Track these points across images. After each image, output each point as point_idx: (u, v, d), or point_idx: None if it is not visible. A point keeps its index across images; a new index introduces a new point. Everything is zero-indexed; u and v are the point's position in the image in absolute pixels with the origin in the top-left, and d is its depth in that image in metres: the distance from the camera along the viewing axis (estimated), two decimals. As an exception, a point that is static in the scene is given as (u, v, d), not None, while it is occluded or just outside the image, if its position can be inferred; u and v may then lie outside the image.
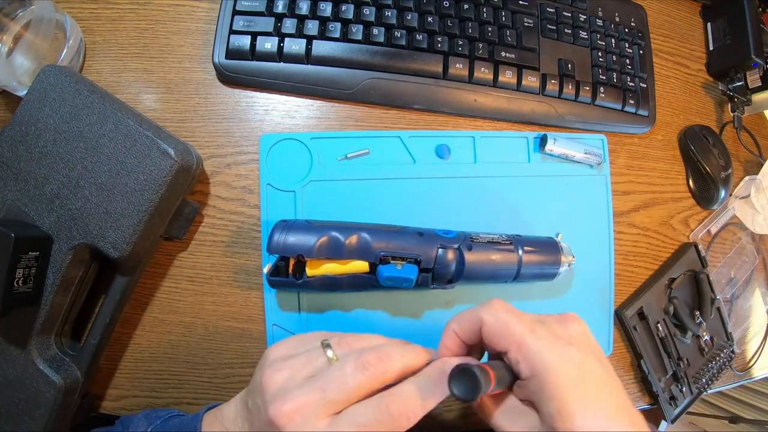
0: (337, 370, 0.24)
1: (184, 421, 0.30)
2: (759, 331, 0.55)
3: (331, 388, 0.24)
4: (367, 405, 0.24)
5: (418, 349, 0.27)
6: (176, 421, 0.30)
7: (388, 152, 0.42)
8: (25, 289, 0.30)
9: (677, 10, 0.56)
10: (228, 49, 0.39)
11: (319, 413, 0.23)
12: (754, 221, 0.54)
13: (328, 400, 0.23)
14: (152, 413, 0.31)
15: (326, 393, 0.23)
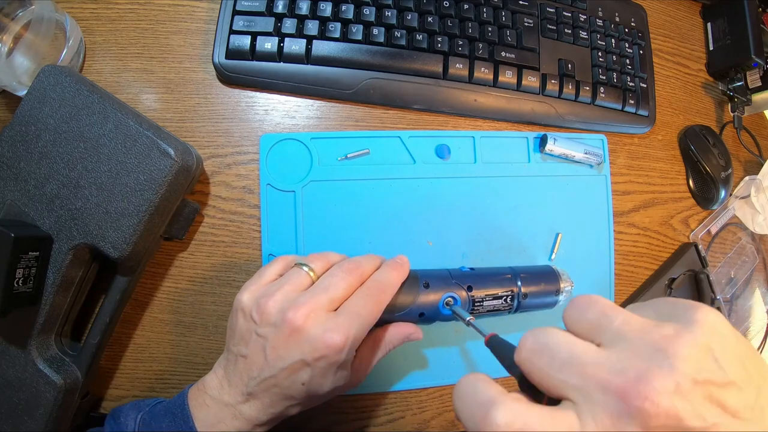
0: (330, 278, 0.30)
1: (171, 402, 0.31)
2: (759, 331, 0.55)
3: (331, 290, 0.29)
4: (356, 295, 0.30)
5: (372, 256, 0.33)
6: (163, 404, 0.31)
7: (388, 152, 0.42)
8: (25, 289, 0.30)
9: (677, 10, 0.56)
10: (228, 49, 0.39)
11: (323, 308, 0.28)
12: (754, 221, 0.54)
13: (331, 299, 0.29)
14: (139, 402, 0.32)
15: (329, 293, 0.29)
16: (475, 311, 0.35)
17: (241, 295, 0.30)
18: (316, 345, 0.27)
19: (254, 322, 0.29)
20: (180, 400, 0.30)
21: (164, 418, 0.30)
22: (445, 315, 0.34)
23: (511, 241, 0.44)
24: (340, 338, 0.28)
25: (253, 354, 0.29)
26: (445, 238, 0.42)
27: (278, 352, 0.28)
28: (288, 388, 0.28)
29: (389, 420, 0.40)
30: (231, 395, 0.29)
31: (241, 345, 0.30)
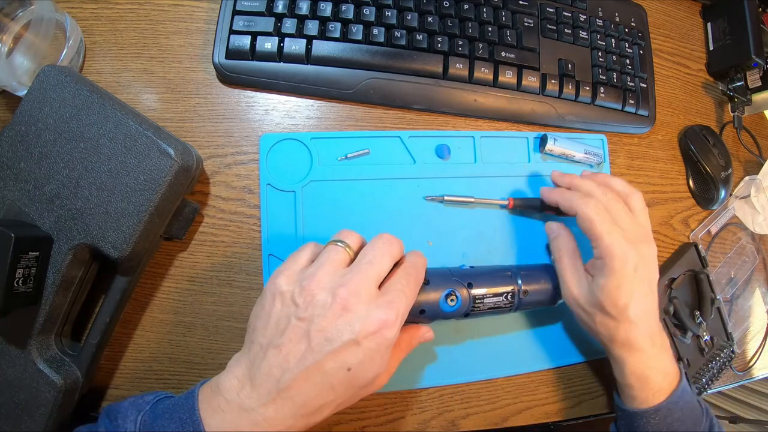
0: (372, 251, 0.29)
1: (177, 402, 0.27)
2: (759, 331, 0.55)
3: (376, 265, 0.28)
4: (398, 274, 0.30)
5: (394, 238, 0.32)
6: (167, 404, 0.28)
7: (388, 152, 0.42)
8: (25, 289, 0.30)
9: (677, 10, 0.56)
10: (228, 49, 0.39)
11: (373, 285, 0.28)
12: (754, 221, 0.54)
13: (378, 274, 0.28)
14: (138, 399, 0.29)
15: (374, 268, 0.28)
16: (476, 309, 0.35)
17: (276, 279, 0.28)
18: (368, 322, 0.26)
19: (295, 305, 0.27)
20: (189, 402, 0.27)
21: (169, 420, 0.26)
22: (446, 312, 0.34)
23: (511, 241, 0.44)
24: (392, 314, 0.27)
25: (291, 342, 0.26)
26: (445, 238, 0.42)
27: (326, 334, 0.26)
28: (332, 375, 0.26)
29: (389, 420, 0.40)
30: (253, 397, 0.26)
31: (274, 334, 0.27)
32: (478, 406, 0.42)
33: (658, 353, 0.35)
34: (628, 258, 0.33)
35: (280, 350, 0.26)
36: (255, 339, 0.28)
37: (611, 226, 0.34)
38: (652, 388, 0.35)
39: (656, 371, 0.35)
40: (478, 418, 0.42)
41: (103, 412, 0.29)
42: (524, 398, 0.43)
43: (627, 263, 0.33)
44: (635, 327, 0.34)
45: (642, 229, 0.36)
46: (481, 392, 0.43)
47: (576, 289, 0.36)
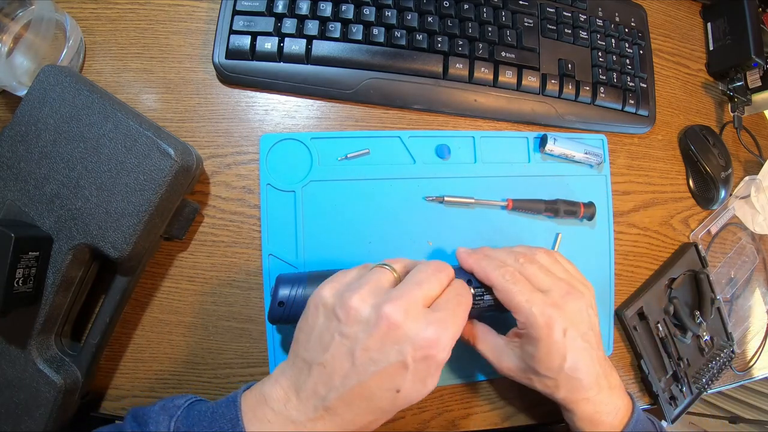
0: (421, 273, 0.28)
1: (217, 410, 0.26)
2: (759, 331, 0.55)
3: (425, 286, 0.27)
4: (447, 295, 0.29)
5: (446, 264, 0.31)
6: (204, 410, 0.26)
7: (388, 152, 0.42)
8: (25, 289, 0.30)
9: (677, 10, 0.56)
10: (228, 49, 0.39)
11: (421, 304, 0.27)
12: (754, 221, 0.54)
13: (426, 295, 0.27)
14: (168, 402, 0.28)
15: (423, 289, 0.27)
16: (476, 305, 0.35)
17: (321, 291, 0.27)
18: (418, 342, 0.25)
19: (338, 320, 0.26)
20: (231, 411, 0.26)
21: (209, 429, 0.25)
22: None
23: (511, 241, 0.44)
24: (444, 333, 0.26)
25: (335, 359, 0.25)
26: (445, 238, 0.42)
27: (370, 354, 0.24)
28: (379, 398, 0.25)
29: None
30: (300, 411, 0.25)
31: (317, 350, 0.26)
32: (478, 406, 0.42)
33: (607, 395, 0.34)
34: (554, 325, 0.31)
35: (324, 368, 0.25)
36: (299, 352, 0.27)
37: (530, 295, 0.32)
38: (605, 427, 0.34)
39: (606, 413, 0.34)
40: (478, 418, 0.42)
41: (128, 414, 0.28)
42: (524, 398, 0.43)
43: (553, 330, 0.31)
44: (575, 381, 0.32)
45: (564, 282, 0.34)
46: (481, 392, 0.43)
47: (504, 364, 0.35)
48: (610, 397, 0.34)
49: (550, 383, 0.33)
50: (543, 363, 0.32)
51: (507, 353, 0.35)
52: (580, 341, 0.32)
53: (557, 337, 0.32)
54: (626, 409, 0.35)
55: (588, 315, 0.34)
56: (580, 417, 0.34)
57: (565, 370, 0.32)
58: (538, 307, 0.32)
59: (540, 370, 0.33)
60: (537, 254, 0.36)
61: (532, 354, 0.33)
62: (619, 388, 0.35)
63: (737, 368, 0.53)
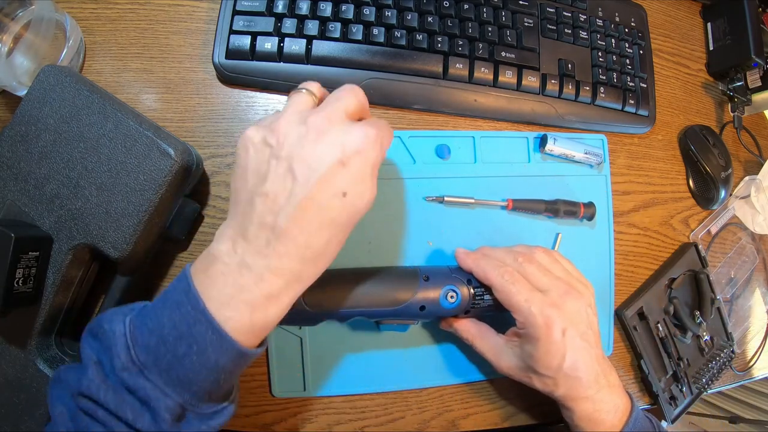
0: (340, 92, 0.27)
1: (168, 290, 0.25)
2: (759, 331, 0.55)
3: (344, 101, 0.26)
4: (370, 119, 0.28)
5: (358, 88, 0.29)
6: (157, 300, 0.25)
7: (389, 152, 0.42)
8: (25, 289, 0.30)
9: (677, 10, 0.56)
10: (228, 49, 0.39)
11: (343, 114, 0.26)
12: (754, 221, 0.54)
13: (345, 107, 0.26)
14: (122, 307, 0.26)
15: (343, 103, 0.26)
16: (476, 306, 0.35)
17: (246, 132, 0.26)
18: (350, 139, 0.25)
19: (270, 146, 0.25)
20: (181, 284, 0.24)
21: (162, 309, 0.24)
22: (446, 309, 0.34)
23: (511, 241, 0.43)
24: (371, 131, 0.25)
25: (276, 183, 0.24)
26: (445, 238, 0.42)
27: (309, 162, 0.24)
28: (328, 207, 0.24)
29: (389, 420, 0.40)
30: (251, 251, 0.24)
31: (256, 183, 0.25)
32: (478, 406, 0.42)
33: (606, 394, 0.34)
34: (553, 324, 0.32)
35: (267, 195, 0.24)
36: (238, 196, 0.26)
37: (529, 294, 0.33)
38: (604, 426, 0.34)
39: (605, 411, 0.34)
40: (478, 418, 0.42)
41: (84, 334, 0.26)
42: (524, 398, 0.43)
43: (552, 329, 0.32)
44: (575, 380, 0.33)
45: (563, 281, 0.34)
46: (481, 392, 0.43)
47: (504, 363, 0.36)
48: (610, 396, 0.34)
49: (550, 382, 0.33)
50: (542, 362, 0.32)
51: (506, 352, 0.35)
52: (579, 340, 0.33)
53: (556, 336, 0.32)
54: (625, 407, 0.35)
55: (587, 314, 0.34)
56: (580, 415, 0.34)
57: (564, 369, 0.32)
58: (536, 307, 0.32)
59: (539, 369, 0.33)
60: (536, 253, 0.36)
61: (531, 353, 0.33)
62: (618, 386, 0.35)
63: (737, 368, 0.53)
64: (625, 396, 0.35)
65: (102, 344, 0.24)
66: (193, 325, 0.23)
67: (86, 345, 0.25)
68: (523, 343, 0.34)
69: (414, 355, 0.41)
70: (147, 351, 0.23)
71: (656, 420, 0.38)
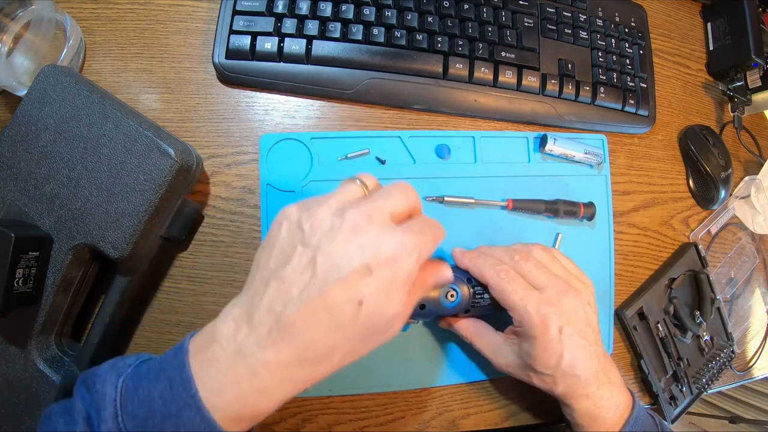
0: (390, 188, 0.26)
1: (165, 360, 0.24)
2: (759, 331, 0.55)
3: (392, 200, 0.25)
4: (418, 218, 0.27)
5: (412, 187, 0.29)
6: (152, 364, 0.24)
7: (388, 152, 0.42)
8: (25, 289, 0.30)
9: (677, 10, 0.56)
10: (228, 49, 0.39)
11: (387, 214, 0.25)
12: (754, 221, 0.54)
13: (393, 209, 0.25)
14: (118, 361, 0.25)
15: (390, 202, 0.25)
16: (476, 304, 0.35)
17: (287, 207, 0.25)
18: (383, 247, 0.23)
19: (302, 231, 0.24)
20: (178, 359, 0.23)
21: (156, 381, 0.23)
22: (447, 308, 0.34)
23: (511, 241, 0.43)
24: (411, 240, 0.24)
25: (295, 271, 0.23)
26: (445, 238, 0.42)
27: (333, 260, 0.22)
28: (340, 311, 0.22)
29: (389, 420, 0.40)
30: (251, 339, 0.23)
31: (277, 264, 0.24)
32: (478, 406, 0.42)
33: (606, 391, 0.34)
34: (549, 323, 0.32)
35: (283, 281, 0.23)
36: (257, 273, 0.25)
37: (525, 293, 0.32)
38: (605, 423, 0.34)
39: (605, 409, 0.34)
40: (478, 418, 0.42)
41: (78, 380, 0.26)
42: (524, 398, 0.43)
43: (549, 328, 0.32)
44: (574, 378, 0.33)
45: (560, 279, 0.34)
46: (481, 392, 0.43)
47: (502, 361, 0.36)
48: (611, 393, 0.34)
49: (548, 380, 0.33)
50: (539, 360, 0.32)
51: (505, 350, 0.35)
52: (577, 338, 0.32)
53: (552, 334, 0.32)
54: (626, 405, 0.35)
55: (585, 312, 0.34)
56: (579, 413, 0.34)
57: (563, 366, 0.32)
58: (533, 305, 0.32)
59: (537, 367, 0.33)
60: (534, 251, 0.36)
61: (528, 351, 0.33)
62: (619, 384, 0.35)
63: (737, 368, 0.53)
64: (626, 393, 0.35)
65: (92, 401, 0.24)
66: (183, 408, 0.22)
67: (78, 396, 0.25)
68: (520, 342, 0.34)
69: (414, 355, 0.41)
70: (134, 421, 0.23)
71: (659, 417, 0.38)
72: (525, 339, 0.33)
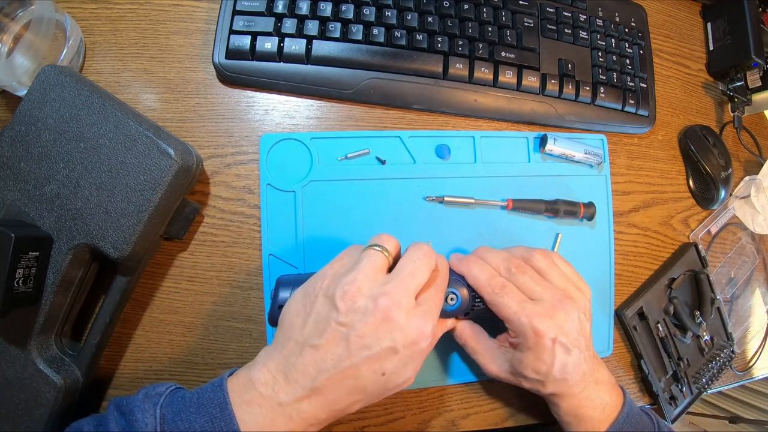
0: (413, 263, 0.29)
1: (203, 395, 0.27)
2: (759, 331, 0.55)
3: (417, 277, 0.29)
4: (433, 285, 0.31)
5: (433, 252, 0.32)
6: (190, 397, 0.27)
7: (388, 152, 0.42)
8: (25, 289, 0.30)
9: (677, 10, 0.56)
10: (228, 49, 0.39)
11: (413, 296, 0.29)
12: (754, 221, 0.54)
13: (417, 287, 0.29)
14: (150, 390, 0.28)
15: (416, 281, 0.29)
16: (476, 307, 0.35)
17: (321, 282, 0.29)
18: (409, 332, 0.27)
19: (336, 309, 0.27)
20: (218, 396, 0.26)
21: (197, 415, 0.25)
22: (447, 311, 0.34)
23: (511, 241, 0.44)
24: (429, 326, 0.28)
25: (330, 344, 0.27)
26: (445, 238, 0.42)
27: (365, 341, 0.26)
28: (366, 379, 0.27)
29: (389, 420, 0.40)
30: (288, 392, 0.26)
31: (312, 334, 0.27)
32: (478, 406, 0.42)
33: (593, 391, 0.34)
34: (544, 335, 0.32)
35: (318, 350, 0.27)
36: (291, 336, 0.28)
37: (518, 306, 0.33)
38: (591, 422, 0.35)
39: (592, 408, 0.35)
40: (478, 418, 0.42)
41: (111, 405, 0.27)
42: (524, 398, 0.43)
43: (543, 339, 0.32)
44: (562, 381, 0.33)
45: (557, 289, 0.34)
46: (481, 392, 0.43)
47: (494, 367, 0.36)
48: (596, 393, 0.35)
49: (538, 384, 0.34)
50: (531, 368, 0.33)
51: (498, 356, 0.36)
52: (570, 347, 0.33)
53: (546, 346, 0.32)
54: (614, 404, 0.35)
55: (579, 321, 0.34)
56: (565, 410, 0.35)
57: (553, 373, 0.33)
58: (527, 318, 0.32)
59: (528, 374, 0.34)
60: (533, 258, 0.36)
61: (521, 360, 0.34)
62: (606, 383, 0.36)
63: (737, 368, 0.53)
64: (614, 393, 0.36)
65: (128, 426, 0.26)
66: None
67: (112, 419, 0.26)
68: (514, 351, 0.35)
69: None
70: None
71: (657, 416, 0.38)
72: (519, 348, 0.34)
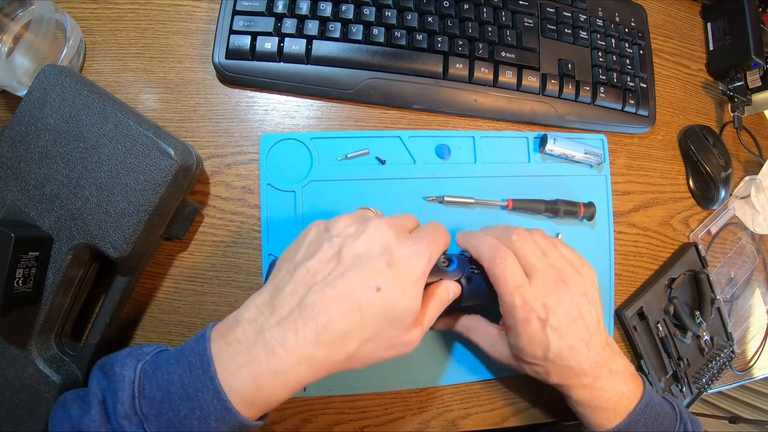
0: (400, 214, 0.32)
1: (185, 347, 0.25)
2: (759, 331, 0.55)
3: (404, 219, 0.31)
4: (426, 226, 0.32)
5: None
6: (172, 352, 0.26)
7: (388, 152, 0.42)
8: (25, 289, 0.30)
9: (677, 10, 0.56)
10: (228, 49, 0.39)
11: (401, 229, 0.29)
12: (754, 221, 0.54)
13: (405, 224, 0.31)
14: (137, 349, 0.26)
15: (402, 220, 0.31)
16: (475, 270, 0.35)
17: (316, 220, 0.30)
18: (401, 246, 0.27)
19: (329, 232, 0.28)
20: (199, 345, 0.24)
21: (176, 366, 0.24)
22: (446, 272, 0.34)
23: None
24: (423, 244, 0.28)
25: (321, 261, 0.26)
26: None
27: (357, 252, 0.26)
28: (360, 294, 0.25)
29: (389, 420, 0.40)
30: (272, 321, 0.24)
31: (304, 256, 0.27)
32: (478, 406, 0.42)
33: (606, 381, 0.33)
34: (531, 315, 0.31)
35: (309, 270, 0.26)
36: (283, 266, 0.27)
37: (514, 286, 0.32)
38: (606, 412, 0.33)
39: (606, 399, 0.33)
40: (478, 418, 0.42)
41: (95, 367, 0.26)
42: (524, 398, 0.43)
43: (530, 320, 0.31)
44: (566, 369, 0.32)
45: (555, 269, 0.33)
46: (481, 392, 0.43)
47: (498, 352, 0.36)
48: (611, 383, 0.33)
49: (540, 369, 0.34)
50: (525, 351, 0.33)
51: (499, 342, 0.36)
52: (566, 330, 0.32)
53: (534, 327, 0.32)
54: (632, 395, 0.34)
55: (576, 303, 0.33)
56: (577, 401, 0.34)
57: (551, 358, 0.32)
58: (519, 298, 0.32)
59: (524, 357, 0.33)
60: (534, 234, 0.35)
61: (514, 343, 0.33)
62: (623, 373, 0.34)
63: (737, 368, 0.53)
64: (633, 383, 0.34)
65: (109, 384, 0.24)
66: (201, 390, 0.23)
67: (94, 380, 0.25)
68: (508, 333, 0.34)
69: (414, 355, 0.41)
70: (151, 403, 0.23)
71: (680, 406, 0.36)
72: (509, 330, 0.33)
